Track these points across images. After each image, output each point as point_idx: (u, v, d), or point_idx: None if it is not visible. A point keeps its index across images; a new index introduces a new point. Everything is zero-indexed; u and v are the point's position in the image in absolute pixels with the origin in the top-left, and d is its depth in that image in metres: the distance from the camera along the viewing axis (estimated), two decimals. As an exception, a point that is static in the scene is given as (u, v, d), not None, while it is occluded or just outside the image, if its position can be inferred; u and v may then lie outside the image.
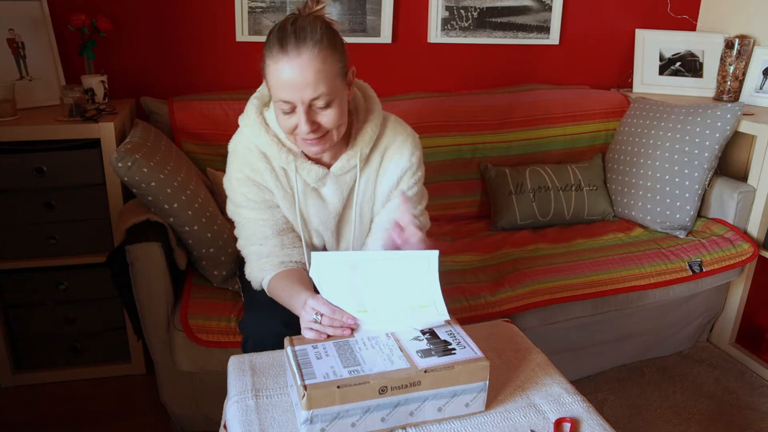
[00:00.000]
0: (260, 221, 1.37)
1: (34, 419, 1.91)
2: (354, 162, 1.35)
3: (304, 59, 1.15)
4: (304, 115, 1.19)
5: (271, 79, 1.20)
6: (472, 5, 2.47)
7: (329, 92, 1.18)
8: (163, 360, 1.72)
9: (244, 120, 1.36)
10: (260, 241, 1.37)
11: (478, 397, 1.04)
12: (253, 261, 1.39)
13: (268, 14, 2.27)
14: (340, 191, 1.38)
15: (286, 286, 1.30)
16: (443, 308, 1.11)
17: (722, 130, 2.14)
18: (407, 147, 1.39)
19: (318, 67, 1.16)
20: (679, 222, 2.19)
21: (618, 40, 2.74)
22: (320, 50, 1.16)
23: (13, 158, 1.82)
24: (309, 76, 1.15)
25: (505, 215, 2.29)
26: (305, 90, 1.16)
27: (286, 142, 1.32)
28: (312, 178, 1.35)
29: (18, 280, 1.95)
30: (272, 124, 1.33)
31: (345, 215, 1.43)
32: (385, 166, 1.40)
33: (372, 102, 1.38)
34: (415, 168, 1.41)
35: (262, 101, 1.37)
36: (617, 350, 2.19)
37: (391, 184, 1.41)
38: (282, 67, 1.16)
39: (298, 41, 1.15)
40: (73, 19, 1.98)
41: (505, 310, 1.81)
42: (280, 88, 1.18)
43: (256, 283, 1.40)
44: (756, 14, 2.52)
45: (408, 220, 1.21)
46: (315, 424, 0.95)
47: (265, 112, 1.35)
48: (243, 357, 1.21)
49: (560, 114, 2.48)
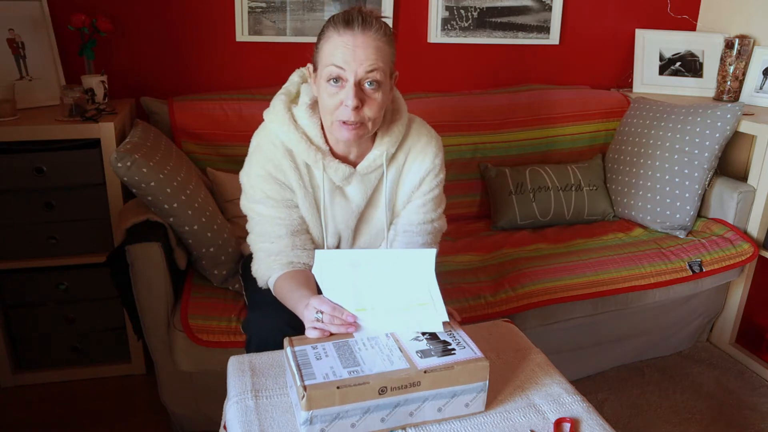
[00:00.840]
0: (276, 219, 1.36)
1: (34, 419, 1.91)
2: (380, 161, 1.36)
3: (368, 37, 1.20)
4: (353, 89, 1.20)
5: (327, 48, 1.22)
6: (472, 5, 2.47)
7: (381, 75, 1.22)
8: (163, 360, 1.72)
9: (270, 115, 1.35)
10: (272, 239, 1.36)
11: (477, 397, 1.04)
12: (262, 258, 1.38)
13: (268, 14, 2.27)
14: (365, 190, 1.39)
15: (292, 287, 1.29)
16: (442, 307, 1.11)
17: (722, 130, 2.14)
18: (431, 148, 1.41)
19: (379, 47, 1.21)
20: (679, 222, 2.19)
21: (618, 40, 2.74)
22: (382, 36, 1.22)
23: (13, 158, 1.82)
24: (370, 53, 1.19)
25: (505, 215, 2.29)
26: (362, 64, 1.19)
27: (315, 139, 1.32)
28: (338, 177, 1.35)
29: (18, 280, 1.95)
30: (301, 120, 1.33)
31: (366, 214, 1.43)
32: (408, 166, 1.41)
33: (399, 103, 1.40)
34: (438, 170, 1.43)
35: (289, 97, 1.37)
36: (617, 350, 2.19)
37: (413, 184, 1.41)
38: (345, 39, 1.19)
39: (365, 24, 1.20)
40: (73, 19, 1.98)
41: (505, 310, 1.81)
42: (336, 55, 1.20)
43: (262, 281, 1.40)
44: (756, 14, 2.52)
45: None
46: (315, 424, 0.95)
47: (293, 109, 1.35)
48: (242, 357, 1.20)
49: (560, 114, 2.48)
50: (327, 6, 2.30)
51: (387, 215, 1.42)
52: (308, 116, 1.32)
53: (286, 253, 1.36)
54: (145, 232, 1.64)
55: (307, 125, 1.32)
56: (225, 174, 2.00)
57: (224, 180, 1.98)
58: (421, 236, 1.44)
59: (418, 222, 1.44)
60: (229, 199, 1.96)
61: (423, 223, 1.44)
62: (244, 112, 2.11)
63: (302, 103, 1.34)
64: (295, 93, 1.38)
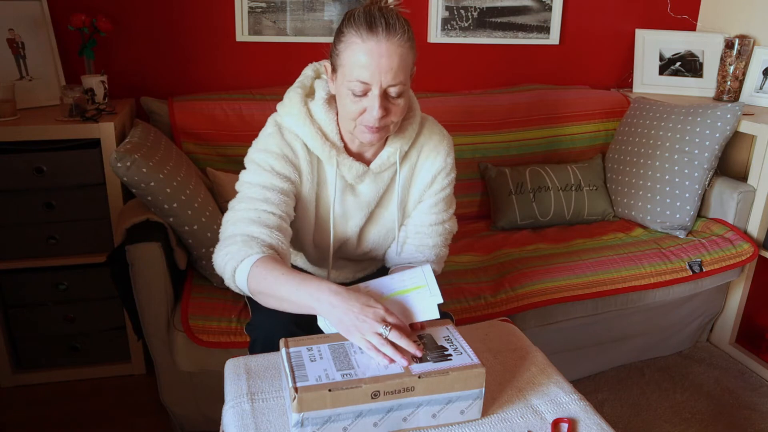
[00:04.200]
0: (277, 194, 1.24)
1: (34, 419, 1.91)
2: (393, 159, 1.34)
3: (393, 45, 1.15)
4: (378, 99, 1.17)
5: (350, 58, 1.16)
6: (472, 5, 2.47)
7: (404, 82, 1.19)
8: (163, 360, 1.72)
9: (285, 108, 1.31)
10: (259, 212, 1.22)
11: (473, 404, 1.03)
12: (237, 239, 1.18)
13: (268, 14, 2.27)
14: (377, 188, 1.37)
15: (288, 268, 1.14)
16: (436, 289, 1.11)
17: (722, 130, 2.13)
18: (443, 147, 1.40)
19: (403, 55, 1.17)
20: (679, 222, 2.19)
21: (618, 40, 2.74)
22: (406, 40, 1.18)
23: (13, 158, 1.82)
24: (394, 62, 1.16)
25: (505, 215, 2.29)
26: (387, 74, 1.16)
27: (330, 135, 1.30)
28: (352, 175, 1.32)
29: (18, 280, 1.95)
30: (317, 115, 1.30)
31: (376, 213, 1.41)
32: (421, 164, 1.39)
33: (413, 101, 1.38)
34: (449, 169, 1.41)
35: (304, 91, 1.33)
36: (617, 350, 2.19)
37: (425, 183, 1.40)
38: (369, 47, 1.15)
39: (389, 28, 1.15)
40: (73, 19, 1.98)
41: (505, 310, 1.81)
42: (361, 68, 1.15)
43: (229, 268, 1.17)
44: (756, 14, 2.52)
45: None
46: (306, 427, 0.94)
47: (309, 104, 1.31)
48: (238, 360, 1.19)
49: (560, 114, 2.48)
50: (327, 6, 2.30)
51: (398, 214, 1.40)
52: (325, 111, 1.29)
53: (272, 234, 1.19)
54: (145, 232, 1.64)
55: (324, 120, 1.29)
56: (225, 174, 2.00)
57: (224, 180, 1.98)
58: (432, 237, 1.41)
59: (430, 223, 1.41)
60: (229, 199, 1.95)
61: (435, 224, 1.42)
62: (244, 112, 2.11)
63: (319, 98, 1.31)
64: (309, 87, 1.35)
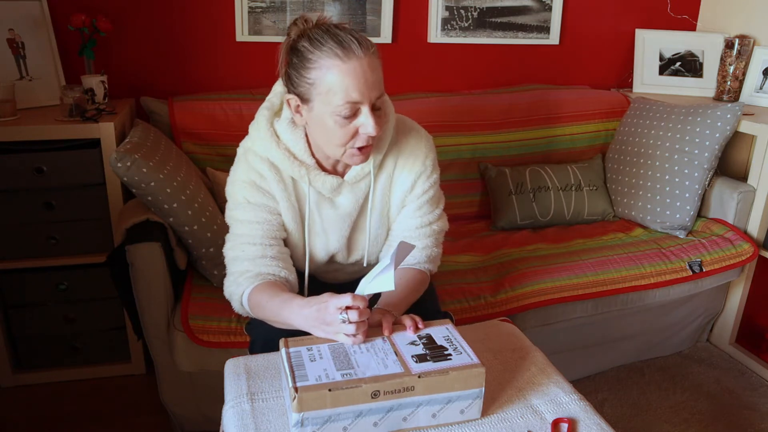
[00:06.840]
0: (253, 224, 1.31)
1: (34, 419, 1.91)
2: (368, 168, 1.32)
3: (371, 58, 1.16)
4: (371, 116, 1.17)
5: (333, 82, 1.14)
6: (472, 5, 2.47)
7: (384, 92, 1.20)
8: (163, 360, 1.72)
9: (253, 132, 1.32)
10: (244, 246, 1.30)
11: (473, 404, 1.03)
12: (233, 273, 1.31)
13: (268, 14, 2.27)
14: (355, 199, 1.35)
15: (270, 295, 1.21)
16: (391, 264, 1.07)
17: (722, 130, 2.13)
18: (421, 150, 1.37)
19: (379, 66, 1.18)
20: (679, 222, 2.19)
21: (618, 40, 2.74)
22: (375, 51, 1.18)
23: (13, 158, 1.82)
24: (377, 75, 1.17)
25: (505, 215, 2.29)
26: (374, 89, 1.16)
27: (298, 155, 1.29)
28: (326, 189, 1.32)
29: (18, 280, 1.95)
30: (283, 136, 1.29)
31: (359, 223, 1.40)
32: (399, 170, 1.37)
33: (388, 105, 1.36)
34: (430, 171, 1.38)
35: (272, 111, 1.33)
36: (617, 350, 2.19)
37: (405, 188, 1.37)
38: (352, 67, 1.13)
39: (360, 43, 1.15)
40: (73, 19, 1.98)
41: (505, 310, 1.81)
42: (349, 90, 1.14)
43: (235, 303, 1.32)
44: (756, 14, 2.52)
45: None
46: (306, 427, 0.94)
47: (275, 124, 1.31)
48: (238, 360, 1.19)
49: (560, 114, 2.48)
50: (327, 6, 2.30)
51: (370, 224, 1.38)
52: (291, 131, 1.29)
53: (256, 263, 1.28)
54: (145, 232, 1.64)
55: (290, 140, 1.29)
56: (225, 174, 1.97)
57: (224, 180, 1.95)
58: (419, 240, 1.39)
59: (416, 226, 1.39)
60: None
61: (421, 226, 1.39)
62: (244, 112, 2.11)
63: (284, 117, 1.30)
64: (278, 105, 1.34)
